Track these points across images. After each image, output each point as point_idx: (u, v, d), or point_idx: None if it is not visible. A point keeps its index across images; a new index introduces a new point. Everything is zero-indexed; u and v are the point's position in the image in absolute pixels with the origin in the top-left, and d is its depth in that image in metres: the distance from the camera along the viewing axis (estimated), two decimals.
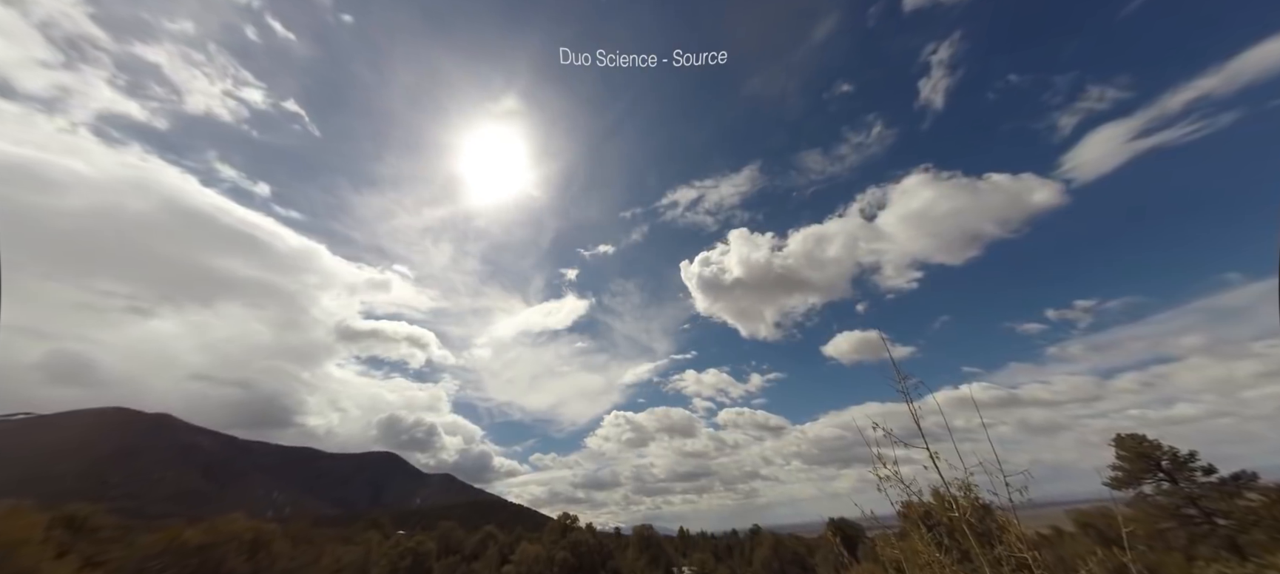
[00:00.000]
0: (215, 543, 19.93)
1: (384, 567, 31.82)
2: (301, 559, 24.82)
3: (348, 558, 30.56)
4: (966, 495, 3.21)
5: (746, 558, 46.49)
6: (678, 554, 52.48)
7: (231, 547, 20.36)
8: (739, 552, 51.76)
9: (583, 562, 37.50)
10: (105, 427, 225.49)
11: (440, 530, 44.03)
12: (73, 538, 19.52)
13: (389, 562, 32.28)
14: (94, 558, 18.79)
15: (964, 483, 3.20)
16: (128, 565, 18.30)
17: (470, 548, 42.66)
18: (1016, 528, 2.90)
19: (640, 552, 44.32)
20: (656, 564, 44.41)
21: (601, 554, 39.82)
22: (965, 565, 3.29)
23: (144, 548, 19.26)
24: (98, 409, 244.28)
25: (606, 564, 39.62)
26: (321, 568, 26.61)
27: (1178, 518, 17.63)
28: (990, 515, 3.71)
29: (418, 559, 33.77)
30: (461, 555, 40.61)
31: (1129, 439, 19.71)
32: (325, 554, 28.89)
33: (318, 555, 27.55)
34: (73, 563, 16.82)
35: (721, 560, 49.33)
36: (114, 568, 18.22)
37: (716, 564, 46.67)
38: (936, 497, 3.79)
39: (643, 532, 47.56)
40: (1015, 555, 2.84)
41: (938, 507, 3.63)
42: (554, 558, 36.42)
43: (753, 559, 43.34)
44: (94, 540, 20.69)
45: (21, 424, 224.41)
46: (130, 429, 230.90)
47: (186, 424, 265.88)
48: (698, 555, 50.75)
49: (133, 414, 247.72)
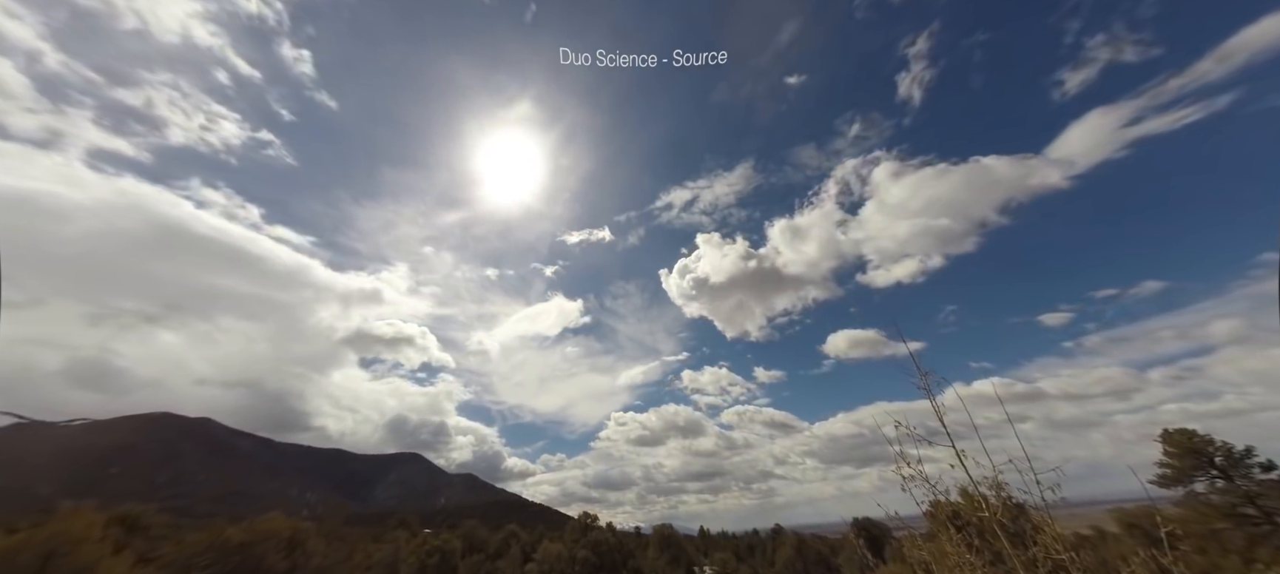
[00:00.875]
0: (255, 541, 20.91)
1: (412, 564, 32.78)
2: (335, 557, 25.82)
3: (378, 556, 31.61)
4: (997, 494, 3.11)
5: (769, 558, 45.95)
6: (699, 554, 52.26)
7: (270, 544, 21.32)
8: (761, 552, 51.19)
9: (604, 560, 37.77)
10: (152, 430, 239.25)
11: (464, 529, 45.05)
12: (127, 536, 20.80)
13: (417, 559, 33.24)
14: (146, 555, 19.99)
15: (994, 481, 3.10)
16: (177, 562, 19.39)
17: (494, 546, 43.50)
18: (1052, 528, 2.79)
19: (661, 551, 44.33)
20: (677, 564, 44.34)
21: (622, 553, 40.00)
22: (998, 567, 3.19)
23: (191, 545, 20.38)
24: (145, 414, 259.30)
25: (627, 563, 39.79)
26: (354, 565, 27.62)
27: (1234, 518, 16.55)
28: (1023, 515, 3.58)
29: (444, 557, 34.65)
30: (486, 554, 41.44)
31: (1177, 434, 18.63)
32: (357, 552, 29.97)
33: (350, 553, 28.60)
34: (128, 559, 17.93)
35: (743, 560, 48.89)
36: (164, 564, 19.33)
37: (738, 564, 46.29)
38: (965, 496, 3.69)
39: (663, 531, 47.54)
40: (1052, 557, 2.73)
41: (966, 506, 3.54)
42: (575, 557, 36.80)
43: (775, 559, 42.81)
44: (146, 538, 22.01)
45: (79, 429, 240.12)
46: (174, 433, 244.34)
47: (225, 427, 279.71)
48: (719, 555, 50.43)
49: (176, 419, 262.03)
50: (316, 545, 24.03)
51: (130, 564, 17.76)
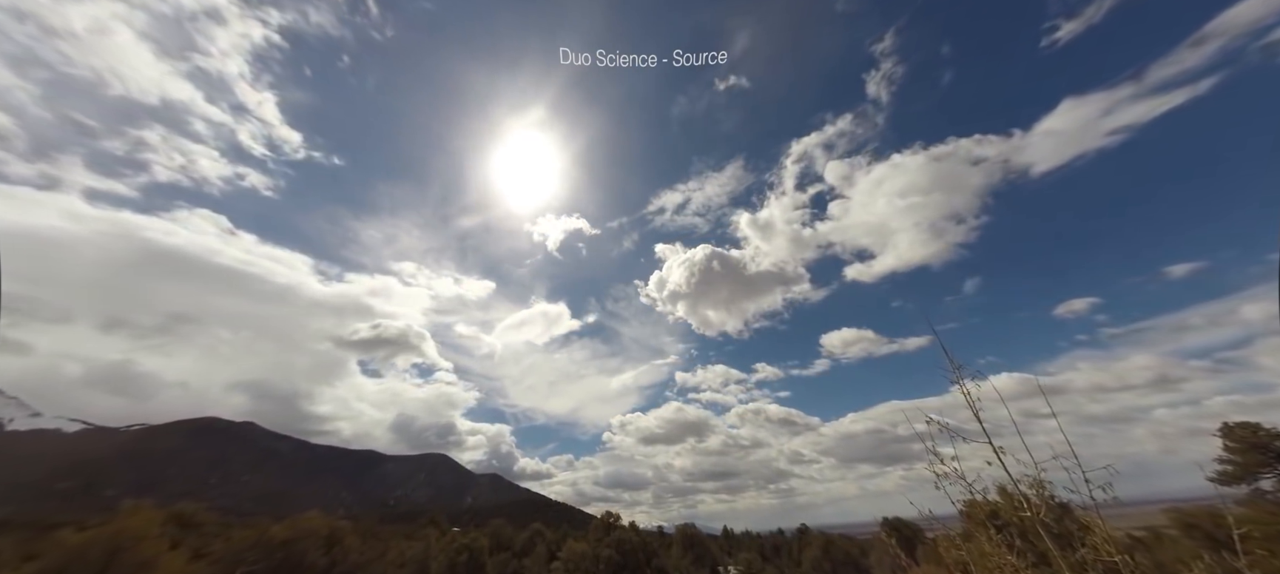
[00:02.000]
0: (297, 538, 21.93)
1: (442, 562, 33.73)
2: (370, 553, 26.85)
3: (410, 553, 32.67)
4: (1039, 493, 2.95)
5: (795, 558, 45.14)
6: (723, 553, 51.83)
7: (311, 542, 22.33)
8: (787, 552, 50.35)
9: (628, 559, 37.91)
10: (200, 434, 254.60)
11: (491, 528, 46.07)
12: (182, 533, 22.20)
13: (447, 557, 34.18)
14: (200, 551, 21.29)
15: (1035, 479, 2.94)
16: (226, 558, 20.55)
17: (520, 544, 44.30)
18: (1103, 529, 2.63)
19: (685, 550, 44.18)
20: (701, 563, 44.09)
21: (646, 552, 40.06)
22: (1042, 570, 3.03)
23: (239, 542, 21.56)
24: (194, 419, 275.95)
25: (651, 563, 39.81)
26: (387, 562, 28.65)
27: None
28: (1068, 515, 3.39)
29: (473, 555, 35.51)
30: (512, 552, 42.23)
31: (1239, 428, 17.31)
32: (391, 549, 31.07)
33: (384, 550, 29.68)
34: (183, 555, 19.15)
35: (768, 560, 48.21)
36: (215, 560, 20.53)
37: (763, 564, 45.66)
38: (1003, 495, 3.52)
39: (686, 530, 47.36)
40: (1102, 559, 2.58)
41: (1005, 506, 3.37)
42: (599, 555, 37.07)
43: (802, 559, 42.03)
44: (199, 535, 23.44)
45: (137, 433, 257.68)
46: (221, 437, 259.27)
47: (267, 431, 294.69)
48: (744, 555, 49.88)
49: (222, 423, 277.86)
50: (353, 543, 25.04)
51: (186, 559, 18.95)
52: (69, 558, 15.98)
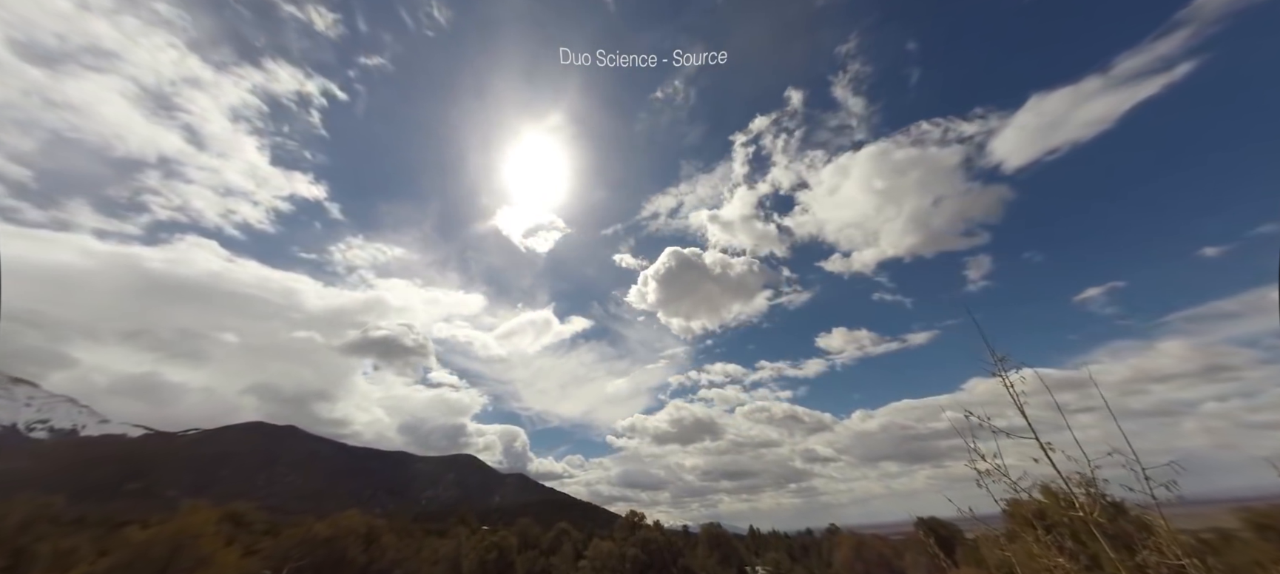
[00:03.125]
0: (338, 536, 23.00)
1: (473, 559, 34.68)
2: (405, 551, 27.89)
3: (443, 550, 33.72)
4: (1091, 491, 2.78)
5: (825, 559, 44.09)
6: (750, 553, 51.18)
7: (351, 539, 23.37)
8: (816, 552, 49.23)
9: (654, 559, 37.95)
10: (249, 438, 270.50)
11: (518, 526, 47.04)
12: (235, 530, 23.66)
13: (477, 554, 35.12)
14: (251, 547, 22.64)
15: (1087, 477, 2.76)
16: (275, 554, 21.76)
17: (547, 543, 45.05)
18: (1165, 529, 2.45)
19: (711, 550, 43.88)
20: (728, 563, 43.67)
21: (671, 552, 39.99)
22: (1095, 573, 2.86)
23: (286, 539, 22.79)
24: (242, 424, 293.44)
25: (677, 562, 39.71)
26: (422, 559, 29.69)
27: None
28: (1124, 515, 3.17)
29: (502, 553, 36.36)
30: (540, 550, 42.99)
31: None
32: (424, 547, 32.15)
33: (418, 548, 30.76)
34: (237, 551, 20.40)
35: (797, 560, 47.27)
36: (266, 556, 21.77)
37: (792, 564, 44.81)
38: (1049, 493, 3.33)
39: (712, 530, 47.02)
40: (1166, 563, 2.40)
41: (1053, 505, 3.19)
42: (625, 554, 37.25)
43: (832, 560, 41.01)
44: (250, 533, 24.93)
45: (193, 438, 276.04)
46: (267, 439, 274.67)
47: (308, 434, 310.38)
48: (772, 555, 49.11)
49: (268, 426, 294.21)
50: (390, 540, 26.05)
51: (239, 555, 20.19)
52: (136, 554, 17.28)
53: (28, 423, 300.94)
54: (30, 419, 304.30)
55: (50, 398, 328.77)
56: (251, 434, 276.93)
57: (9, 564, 18.81)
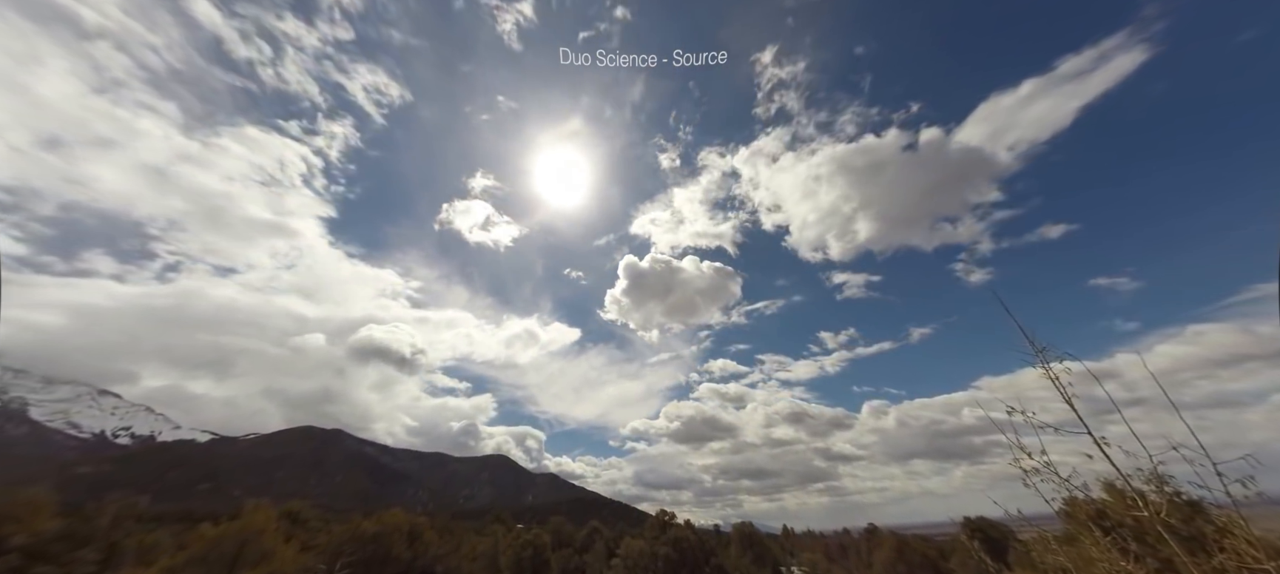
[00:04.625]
0: (384, 533, 24.24)
1: (510, 557, 35.70)
2: (446, 548, 29.05)
3: (481, 548, 34.90)
4: (1160, 490, 2.57)
5: (864, 560, 42.57)
6: (784, 553, 50.12)
7: (396, 536, 24.59)
8: (854, 552, 47.59)
9: (686, 558, 37.82)
10: (300, 441, 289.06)
11: (552, 525, 48.02)
12: (292, 528, 25.34)
13: (514, 552, 36.13)
14: (307, 543, 24.20)
15: (1152, 473, 2.56)
16: (328, 550, 23.18)
17: (579, 541, 45.75)
18: (1245, 530, 2.24)
19: (744, 549, 43.29)
20: (762, 563, 42.93)
21: (704, 551, 39.73)
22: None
23: (338, 536, 24.22)
24: (295, 429, 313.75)
25: (709, 561, 39.41)
26: (461, 556, 30.84)
27: None
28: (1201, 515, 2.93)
29: (536, 551, 37.23)
30: (573, 548, 43.72)
31: None
32: (463, 544, 33.37)
33: (457, 545, 31.97)
34: (294, 547, 21.87)
35: (835, 561, 45.87)
36: (320, 551, 23.22)
37: (830, 565, 43.54)
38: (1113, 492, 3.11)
39: (744, 529, 46.39)
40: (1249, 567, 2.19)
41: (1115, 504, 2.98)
42: (657, 553, 37.31)
43: (872, 561, 39.55)
44: (305, 529, 26.65)
45: (252, 442, 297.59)
46: (317, 442, 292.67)
47: (354, 436, 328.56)
48: (808, 555, 47.92)
49: (317, 431, 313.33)
50: (431, 538, 27.21)
51: (296, 551, 21.64)
52: (209, 548, 18.85)
53: (114, 430, 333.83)
54: (116, 426, 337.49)
55: (131, 407, 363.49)
56: (302, 438, 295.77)
57: (103, 558, 20.98)
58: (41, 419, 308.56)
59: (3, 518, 18.11)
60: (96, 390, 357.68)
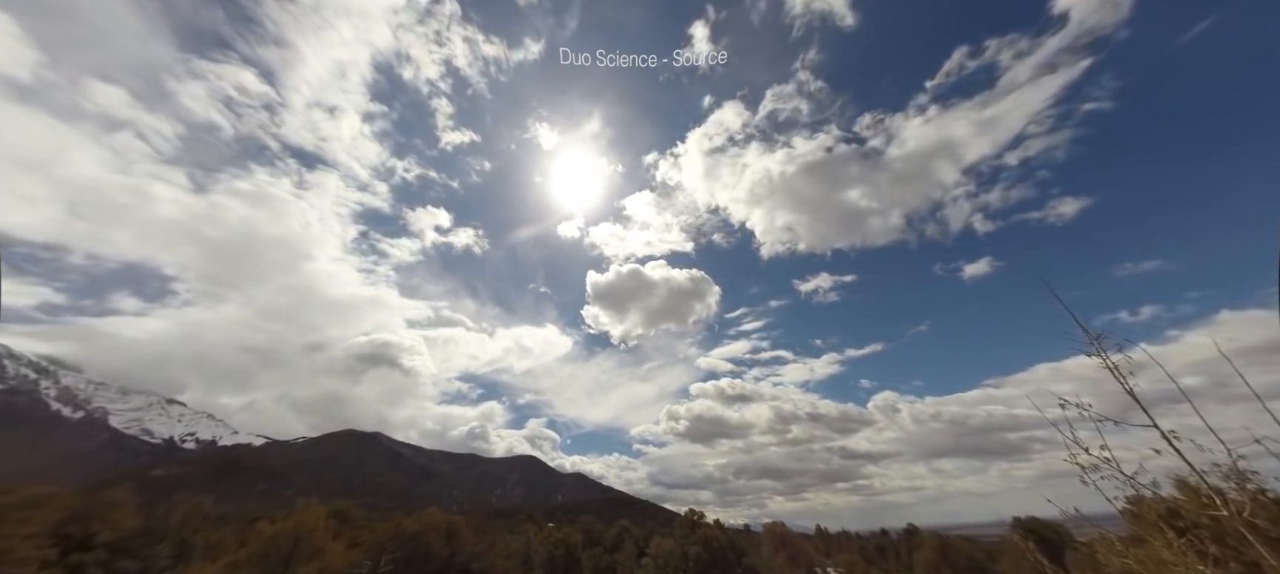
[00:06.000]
0: (424, 530, 25.24)
1: (542, 555, 36.44)
2: (481, 546, 29.97)
3: (514, 546, 35.77)
4: (1241, 486, 2.35)
5: (904, 562, 40.91)
6: (819, 554, 48.82)
7: (434, 533, 25.54)
8: (893, 553, 45.81)
9: (717, 557, 37.46)
10: (344, 443, 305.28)
11: (581, 524, 48.67)
12: (340, 526, 26.79)
13: (546, 550, 36.85)
14: (354, 540, 25.54)
15: (1232, 468, 2.34)
16: (373, 546, 24.36)
17: (609, 540, 46.14)
18: None
19: (776, 549, 42.46)
20: (795, 563, 41.98)
21: (735, 551, 39.24)
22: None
23: (381, 533, 25.41)
24: (339, 432, 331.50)
25: (741, 561, 38.88)
26: (496, 554, 31.73)
27: None
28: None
29: (568, 550, 37.83)
30: (603, 547, 44.13)
31: None
32: (497, 542, 34.32)
33: (492, 543, 32.90)
34: (342, 543, 23.12)
35: (873, 563, 44.30)
36: (366, 548, 24.44)
37: (867, 567, 42.09)
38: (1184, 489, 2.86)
39: (775, 528, 45.50)
40: None
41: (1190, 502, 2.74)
42: (688, 553, 37.14)
43: (913, 563, 37.95)
44: (351, 527, 28.12)
45: (302, 445, 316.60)
46: (359, 444, 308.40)
47: (391, 439, 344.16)
48: (844, 556, 46.50)
49: (358, 434, 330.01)
50: (467, 536, 28.12)
51: (345, 547, 22.86)
52: (268, 544, 20.17)
53: (181, 436, 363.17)
54: (182, 432, 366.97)
55: (195, 414, 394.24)
56: (345, 440, 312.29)
57: (176, 554, 22.86)
58: (119, 426, 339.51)
59: (91, 517, 20.02)
60: (165, 399, 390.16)
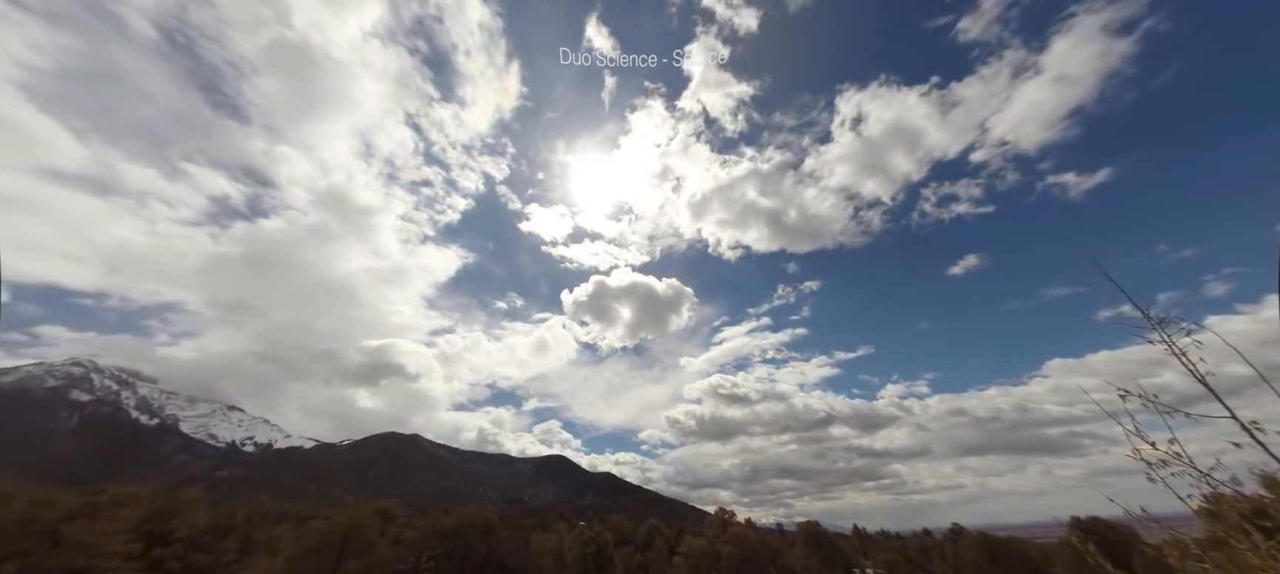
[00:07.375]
0: (462, 528, 26.19)
1: (575, 552, 37.04)
2: (516, 544, 30.80)
3: (547, 545, 36.52)
4: None
5: (949, 563, 38.94)
6: (857, 554, 47.24)
7: (472, 531, 26.46)
8: (938, 554, 43.69)
9: (750, 557, 36.92)
10: (385, 445, 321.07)
11: (612, 523, 49.09)
12: (385, 523, 28.19)
13: (578, 548, 37.44)
14: (397, 537, 26.83)
15: None
16: (416, 542, 25.50)
17: (640, 539, 46.33)
18: None
19: (811, 549, 41.42)
20: (832, 564, 40.80)
21: (768, 551, 38.54)
22: None
23: (423, 530, 26.56)
24: (379, 434, 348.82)
25: (775, 561, 38.15)
26: (530, 552, 32.53)
27: None
28: None
29: (599, 548, 38.28)
30: (635, 545, 44.38)
31: None
32: (531, 540, 35.14)
33: (526, 541, 33.74)
34: (388, 540, 24.34)
35: (915, 564, 42.43)
36: (409, 544, 25.62)
37: (909, 568, 40.36)
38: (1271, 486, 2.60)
39: (810, 528, 44.39)
40: None
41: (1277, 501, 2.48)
42: (720, 552, 36.80)
43: (960, 565, 36.07)
44: (395, 524, 29.51)
45: (347, 447, 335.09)
46: (399, 446, 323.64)
47: (429, 441, 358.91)
48: (884, 556, 44.80)
49: (397, 436, 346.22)
50: (503, 533, 28.97)
51: (390, 543, 24.07)
52: (321, 539, 21.52)
53: (241, 440, 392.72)
54: (242, 436, 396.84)
55: (253, 419, 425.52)
56: (387, 442, 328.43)
57: (241, 549, 24.73)
58: (188, 432, 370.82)
59: (169, 515, 21.93)
60: (226, 406, 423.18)
